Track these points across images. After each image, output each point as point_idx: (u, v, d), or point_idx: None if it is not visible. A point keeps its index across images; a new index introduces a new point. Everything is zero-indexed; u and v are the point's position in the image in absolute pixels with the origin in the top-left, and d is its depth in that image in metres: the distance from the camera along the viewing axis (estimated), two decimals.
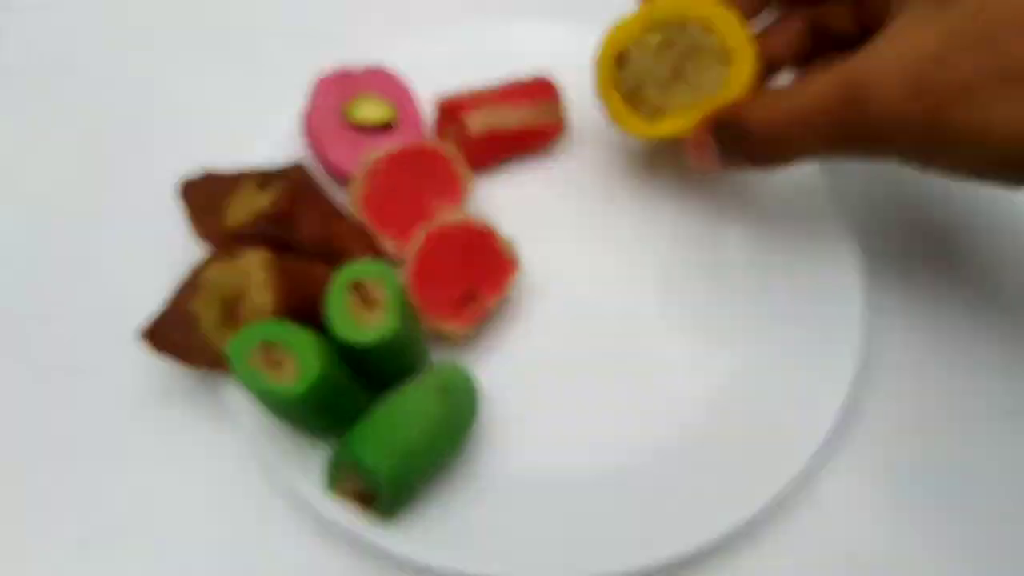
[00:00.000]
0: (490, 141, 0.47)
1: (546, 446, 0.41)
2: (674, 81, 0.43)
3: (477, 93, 0.48)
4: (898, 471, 0.42)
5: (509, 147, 0.49)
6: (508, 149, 0.49)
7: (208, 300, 0.40)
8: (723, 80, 0.42)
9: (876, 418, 0.43)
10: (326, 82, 0.48)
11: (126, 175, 0.52)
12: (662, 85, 0.43)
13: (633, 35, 0.43)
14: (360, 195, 0.44)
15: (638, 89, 0.44)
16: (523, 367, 0.44)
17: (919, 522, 0.41)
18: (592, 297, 0.46)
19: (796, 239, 0.46)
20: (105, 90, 0.55)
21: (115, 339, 0.43)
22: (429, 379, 0.39)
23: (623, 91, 0.44)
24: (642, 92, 0.44)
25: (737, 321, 0.45)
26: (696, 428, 0.42)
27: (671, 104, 0.43)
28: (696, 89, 0.43)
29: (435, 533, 0.38)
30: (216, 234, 0.43)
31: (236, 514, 0.41)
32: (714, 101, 0.42)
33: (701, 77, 0.43)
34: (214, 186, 0.45)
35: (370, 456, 0.35)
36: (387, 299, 0.37)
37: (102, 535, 0.41)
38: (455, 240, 0.42)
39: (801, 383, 0.42)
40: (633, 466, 0.41)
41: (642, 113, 0.44)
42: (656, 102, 0.43)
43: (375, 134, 0.48)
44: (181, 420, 0.43)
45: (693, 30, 0.42)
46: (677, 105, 0.43)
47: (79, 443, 0.43)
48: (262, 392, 0.35)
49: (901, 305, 0.47)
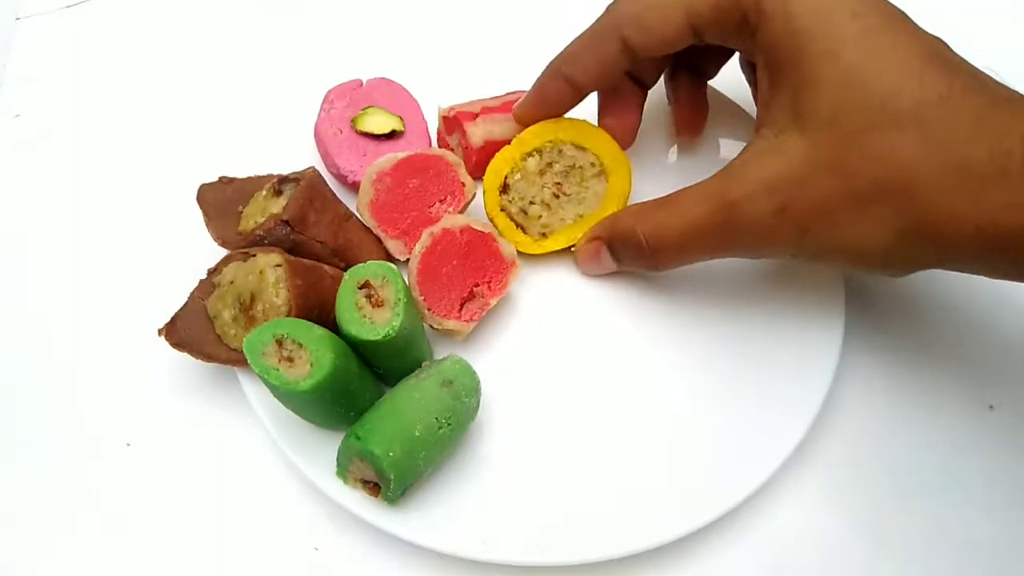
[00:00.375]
0: (491, 150, 0.47)
1: (544, 436, 0.42)
2: (558, 199, 0.45)
3: (479, 105, 0.48)
4: (875, 458, 0.43)
5: None
6: None
7: (225, 299, 0.41)
8: (604, 193, 0.45)
9: (853, 407, 0.44)
10: (336, 94, 0.49)
11: (148, 182, 0.52)
12: (547, 204, 0.45)
13: (513, 162, 0.45)
14: (368, 200, 0.44)
15: (525, 211, 0.46)
16: (521, 361, 0.44)
17: (895, 511, 0.42)
18: (587, 296, 0.46)
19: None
20: (130, 101, 0.56)
21: (138, 335, 0.44)
22: (433, 373, 0.39)
23: (512, 213, 0.46)
24: (529, 213, 0.46)
25: (722, 315, 0.45)
26: (684, 418, 0.42)
27: (558, 220, 0.46)
28: (580, 204, 0.45)
29: (439, 518, 0.39)
30: (232, 237, 0.43)
31: (251, 499, 0.42)
32: (599, 214, 0.45)
33: (583, 193, 0.45)
34: (230, 192, 0.45)
35: (378, 445, 0.36)
36: (394, 298, 0.38)
37: (124, 521, 0.42)
38: (458, 242, 0.43)
39: (782, 375, 0.42)
40: (626, 454, 0.41)
41: (532, 231, 0.46)
42: (544, 221, 0.45)
43: (382, 143, 0.49)
44: (200, 411, 0.44)
45: (568, 150, 0.45)
46: (565, 219, 0.46)
47: (102, 433, 0.44)
48: (276, 386, 0.36)
49: (876, 298, 0.47)
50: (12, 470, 0.43)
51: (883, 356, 0.46)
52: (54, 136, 0.55)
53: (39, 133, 0.55)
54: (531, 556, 0.38)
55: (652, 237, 0.40)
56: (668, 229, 0.40)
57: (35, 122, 0.55)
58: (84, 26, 0.60)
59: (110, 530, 0.42)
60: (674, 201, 0.40)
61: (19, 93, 0.57)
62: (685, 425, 0.42)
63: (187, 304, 0.42)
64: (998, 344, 0.46)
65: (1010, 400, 0.44)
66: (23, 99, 0.56)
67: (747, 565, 0.40)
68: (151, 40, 0.59)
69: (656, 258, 0.41)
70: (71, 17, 0.60)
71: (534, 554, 0.38)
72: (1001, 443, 0.43)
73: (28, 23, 0.60)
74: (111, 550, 0.41)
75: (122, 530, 0.42)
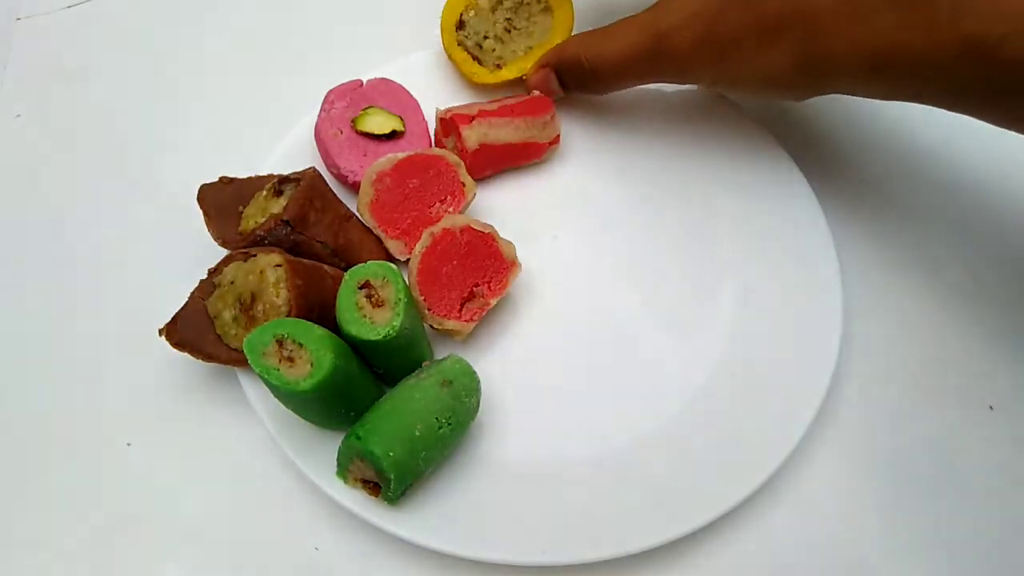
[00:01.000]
0: (485, 153, 0.47)
1: (543, 436, 0.42)
2: (510, 33, 0.51)
3: (476, 108, 0.48)
4: (876, 457, 0.43)
5: (503, 159, 0.49)
6: (502, 161, 0.49)
7: (225, 299, 0.41)
8: (550, 27, 0.51)
9: (853, 407, 0.44)
10: (336, 94, 0.49)
11: (150, 182, 0.52)
12: (500, 39, 0.51)
13: (466, 1, 0.51)
14: (368, 200, 0.45)
15: (480, 44, 0.50)
16: (521, 362, 0.44)
17: (895, 510, 0.42)
18: (585, 296, 0.47)
19: (778, 239, 0.47)
20: (131, 101, 0.56)
21: (138, 335, 0.44)
22: (433, 373, 0.39)
23: (468, 47, 0.51)
24: (484, 47, 0.50)
25: (722, 317, 0.45)
26: (683, 419, 0.42)
27: (510, 52, 0.51)
28: (528, 37, 0.51)
29: (439, 518, 0.39)
30: (233, 237, 0.44)
31: (252, 499, 0.42)
32: (546, 45, 0.50)
33: (532, 26, 0.50)
34: (231, 192, 0.45)
35: (378, 445, 0.36)
36: (394, 298, 0.38)
37: (125, 520, 0.42)
38: (458, 242, 0.43)
39: (782, 375, 0.43)
40: (626, 454, 0.41)
41: (487, 63, 0.51)
42: (498, 53, 0.50)
43: (382, 143, 0.49)
44: (200, 411, 0.44)
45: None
46: (517, 51, 0.51)
47: (104, 433, 0.44)
48: (277, 386, 0.36)
49: (876, 298, 0.47)
50: (13, 468, 0.44)
51: (883, 356, 0.46)
52: (54, 136, 0.55)
53: (39, 133, 0.55)
54: (531, 556, 0.38)
55: (593, 61, 0.46)
56: (608, 54, 0.45)
57: (35, 122, 0.56)
58: (85, 26, 0.60)
59: (111, 529, 0.42)
60: (613, 30, 0.46)
61: (19, 93, 0.57)
62: (685, 426, 0.42)
63: (188, 304, 0.42)
64: (998, 344, 0.46)
65: (1010, 400, 0.44)
66: (23, 99, 0.56)
67: (746, 564, 0.40)
68: (151, 40, 0.59)
69: (596, 80, 0.47)
70: (72, 17, 0.60)
71: (534, 554, 0.38)
72: (1001, 443, 0.43)
73: (29, 23, 0.60)
74: (112, 549, 0.41)
75: (123, 529, 0.42)
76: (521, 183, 0.51)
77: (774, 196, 0.48)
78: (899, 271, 0.48)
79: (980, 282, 0.48)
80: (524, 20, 0.51)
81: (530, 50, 0.51)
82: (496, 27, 0.51)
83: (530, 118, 0.48)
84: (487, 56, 0.51)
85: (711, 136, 0.51)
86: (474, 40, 0.51)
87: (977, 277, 0.48)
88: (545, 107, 0.49)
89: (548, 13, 0.51)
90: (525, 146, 0.49)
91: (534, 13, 0.51)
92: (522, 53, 0.51)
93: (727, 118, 0.51)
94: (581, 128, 0.52)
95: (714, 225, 0.49)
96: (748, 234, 0.48)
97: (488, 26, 0.51)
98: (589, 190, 0.51)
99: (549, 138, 0.49)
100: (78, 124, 0.55)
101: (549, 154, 0.50)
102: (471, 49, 0.51)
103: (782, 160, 0.49)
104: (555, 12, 0.51)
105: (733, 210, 0.49)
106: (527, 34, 0.51)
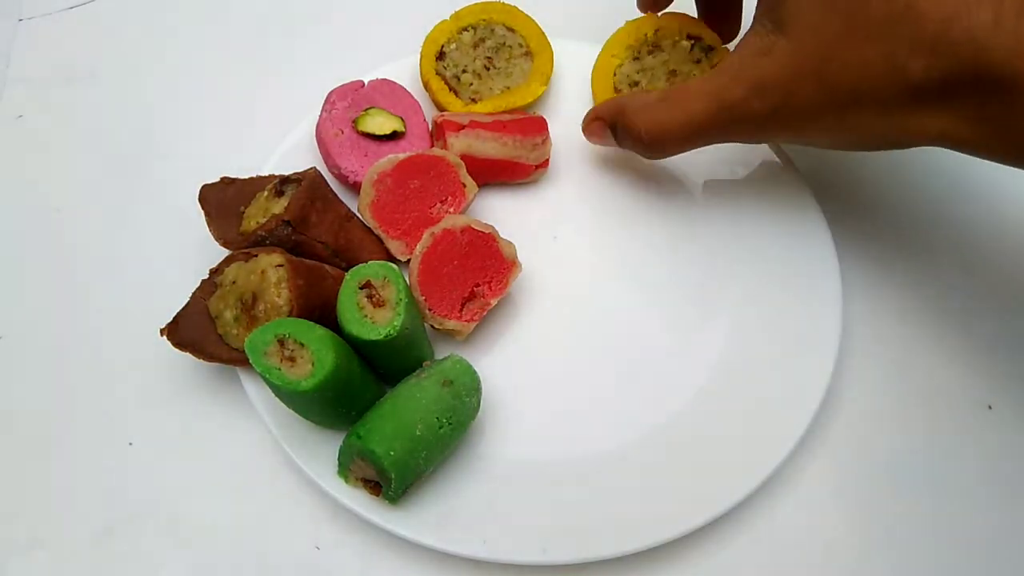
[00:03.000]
0: (468, 165, 0.46)
1: (544, 435, 0.42)
2: (488, 71, 0.51)
3: (468, 117, 0.47)
4: (873, 457, 0.43)
5: (485, 174, 0.48)
6: (484, 175, 0.48)
7: (227, 299, 0.41)
8: (528, 71, 0.51)
9: (852, 407, 0.44)
10: (338, 94, 0.49)
11: (153, 184, 0.52)
12: (478, 74, 0.51)
13: (450, 33, 0.51)
14: (369, 201, 0.44)
15: (458, 77, 0.50)
16: (522, 361, 0.44)
17: (894, 510, 0.42)
18: (586, 297, 0.47)
19: (778, 241, 0.47)
20: (133, 102, 0.56)
21: (140, 335, 0.44)
22: (434, 373, 0.39)
23: (446, 78, 0.51)
24: (461, 79, 0.50)
25: (722, 318, 0.45)
26: (683, 419, 0.42)
27: (487, 89, 0.51)
28: (507, 78, 0.51)
29: (440, 517, 0.39)
30: (234, 237, 0.43)
31: (253, 498, 0.42)
32: (523, 89, 0.50)
33: (511, 68, 0.51)
34: (232, 192, 0.45)
35: (379, 444, 0.36)
36: (395, 298, 0.38)
37: (126, 520, 0.42)
38: (458, 242, 0.43)
39: (782, 375, 0.43)
40: (626, 454, 0.41)
41: (463, 95, 0.50)
42: (475, 88, 0.51)
43: (383, 143, 0.49)
44: (202, 410, 0.44)
45: (499, 30, 0.52)
46: (494, 89, 0.51)
47: (105, 432, 0.44)
48: (278, 386, 0.36)
49: (874, 298, 0.47)
50: (14, 468, 0.44)
51: (882, 356, 0.46)
52: (56, 137, 0.55)
53: (41, 134, 0.55)
54: (531, 556, 0.38)
55: (652, 131, 0.43)
56: (669, 124, 0.43)
57: (37, 123, 0.56)
58: (87, 27, 0.60)
59: (112, 529, 0.42)
60: (675, 97, 0.43)
61: (22, 94, 0.57)
62: (685, 426, 0.42)
63: (189, 304, 0.42)
64: (998, 344, 0.46)
65: (1009, 400, 0.45)
66: (25, 100, 0.56)
67: (746, 564, 0.40)
68: (153, 40, 0.59)
69: (654, 148, 0.44)
70: (73, 18, 0.60)
71: (534, 554, 0.38)
72: (999, 443, 0.43)
73: (30, 24, 0.60)
74: (113, 549, 0.41)
75: (125, 529, 0.42)
76: (521, 186, 0.51)
77: (774, 200, 0.48)
78: (898, 271, 0.48)
79: (979, 282, 0.48)
80: (504, 61, 0.51)
81: (507, 89, 0.51)
82: (476, 63, 0.51)
83: (520, 137, 0.47)
84: (463, 89, 0.51)
85: None
86: (452, 72, 0.51)
87: (977, 277, 0.48)
88: (538, 128, 0.48)
89: (528, 58, 0.51)
90: (509, 164, 0.48)
91: (515, 56, 0.51)
92: (498, 91, 0.51)
93: None
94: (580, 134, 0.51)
95: (716, 228, 0.49)
96: (749, 236, 0.48)
97: (468, 61, 0.51)
98: (590, 190, 0.51)
99: (538, 160, 0.49)
100: (80, 125, 0.55)
101: (535, 176, 0.50)
102: (449, 80, 0.51)
103: (783, 167, 0.49)
104: (535, 59, 0.51)
105: (734, 214, 0.49)
106: (505, 74, 0.51)
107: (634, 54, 0.51)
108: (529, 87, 0.51)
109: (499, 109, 0.50)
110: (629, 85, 0.51)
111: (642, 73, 0.51)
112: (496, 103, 0.50)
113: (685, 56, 0.50)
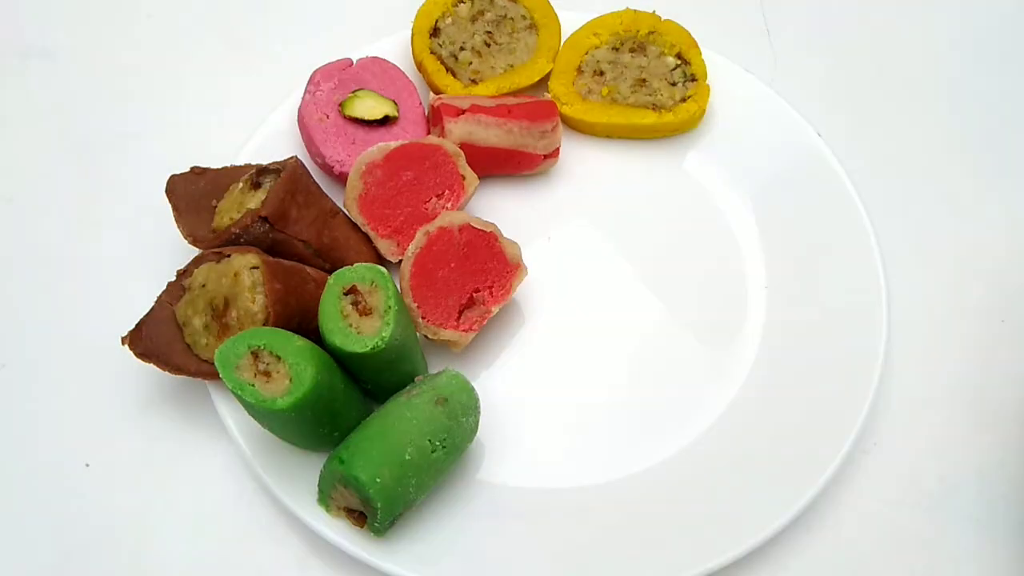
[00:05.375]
0: (467, 154, 0.45)
1: (548, 461, 0.41)
2: (489, 48, 0.48)
3: (470, 101, 0.46)
4: (919, 486, 0.42)
5: (487, 164, 0.47)
6: (486, 166, 0.47)
7: (196, 304, 0.40)
8: (534, 46, 0.48)
9: (894, 431, 0.43)
10: (323, 75, 0.48)
11: (115, 173, 0.51)
12: (478, 52, 0.48)
13: (444, 6, 0.49)
14: (356, 195, 0.43)
15: (455, 56, 0.48)
16: (526, 377, 0.44)
17: (940, 541, 0.40)
18: (598, 305, 0.46)
19: (813, 238, 0.46)
20: (97, 81, 0.55)
21: (98, 344, 0.44)
22: (426, 389, 0.38)
23: (442, 57, 0.47)
24: (459, 58, 0.48)
25: (750, 329, 0.44)
26: (708, 444, 0.41)
27: (488, 68, 0.48)
28: (510, 55, 0.49)
29: (432, 552, 0.38)
30: (205, 235, 0.43)
31: (223, 528, 0.41)
32: (530, 67, 0.48)
33: (514, 44, 0.48)
34: (203, 184, 0.44)
35: (363, 470, 0.35)
36: (383, 305, 0.37)
37: (84, 551, 0.40)
38: (456, 243, 0.42)
39: (818, 395, 0.41)
40: (642, 483, 0.40)
41: (462, 76, 0.48)
42: (475, 67, 0.48)
43: (373, 130, 0.48)
44: (167, 429, 0.43)
45: (500, 1, 0.49)
46: (496, 68, 0.48)
47: (59, 452, 0.42)
48: (251, 403, 0.35)
49: (920, 313, 0.46)
50: None
51: (926, 378, 0.45)
52: (6, 119, 0.53)
53: None
54: None
55: None
56: None
57: None
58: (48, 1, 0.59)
59: (66, 562, 0.40)
60: None
61: None
62: (710, 453, 0.41)
63: (154, 310, 0.42)
64: None
65: None
66: None
67: None
68: (114, 12, 0.58)
69: None
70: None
71: None
72: None
73: (2, 9, 0.59)
74: None
75: (83, 561, 0.40)
76: (527, 179, 0.49)
77: (812, 193, 0.47)
78: (947, 285, 0.47)
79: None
80: (506, 35, 0.49)
81: (510, 68, 0.49)
82: (475, 39, 0.49)
83: (527, 124, 0.46)
84: (462, 69, 0.48)
85: None
86: (449, 50, 0.49)
87: None
88: (548, 114, 0.47)
89: (532, 31, 0.49)
90: (514, 154, 0.47)
91: (518, 29, 0.49)
92: (501, 71, 0.49)
93: None
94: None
95: (743, 226, 0.48)
96: (776, 234, 0.47)
97: (466, 37, 0.49)
98: (604, 183, 0.50)
99: (547, 150, 0.48)
100: (33, 106, 0.54)
101: (544, 168, 0.48)
102: (445, 59, 0.49)
103: (822, 155, 0.47)
104: (540, 31, 0.49)
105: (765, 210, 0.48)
106: (508, 51, 0.49)
107: (616, 44, 0.49)
108: (535, 64, 0.49)
109: (503, 91, 0.48)
110: (594, 72, 0.49)
111: (612, 66, 0.49)
112: (499, 84, 0.48)
113: (664, 72, 0.49)
